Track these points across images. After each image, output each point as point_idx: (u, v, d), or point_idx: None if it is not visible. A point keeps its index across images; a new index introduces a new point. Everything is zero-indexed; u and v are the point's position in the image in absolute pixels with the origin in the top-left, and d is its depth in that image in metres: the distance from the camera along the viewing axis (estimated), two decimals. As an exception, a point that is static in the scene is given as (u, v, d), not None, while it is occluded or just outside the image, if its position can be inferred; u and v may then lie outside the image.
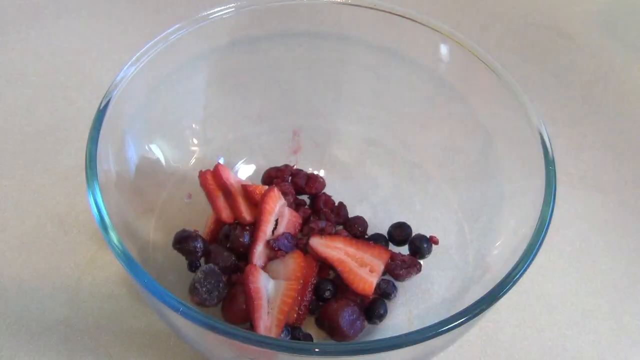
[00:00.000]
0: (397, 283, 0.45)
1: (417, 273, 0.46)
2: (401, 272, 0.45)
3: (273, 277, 0.42)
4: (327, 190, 0.51)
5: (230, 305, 0.41)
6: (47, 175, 0.53)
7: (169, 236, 0.45)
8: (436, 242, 0.47)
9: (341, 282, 0.44)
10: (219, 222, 0.46)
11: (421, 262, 0.46)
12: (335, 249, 0.44)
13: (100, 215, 0.34)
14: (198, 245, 0.43)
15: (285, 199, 0.47)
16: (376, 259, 0.44)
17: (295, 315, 0.42)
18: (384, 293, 0.45)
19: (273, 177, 0.50)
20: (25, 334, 0.44)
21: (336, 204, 0.51)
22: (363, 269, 0.44)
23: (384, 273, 0.45)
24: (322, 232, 0.46)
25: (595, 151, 0.60)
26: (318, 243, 0.44)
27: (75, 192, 0.52)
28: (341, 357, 0.31)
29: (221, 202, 0.46)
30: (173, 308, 0.31)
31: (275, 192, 0.46)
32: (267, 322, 0.40)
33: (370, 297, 0.44)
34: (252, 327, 0.40)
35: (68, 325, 0.45)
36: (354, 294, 0.43)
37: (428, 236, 0.47)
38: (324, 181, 0.51)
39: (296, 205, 0.49)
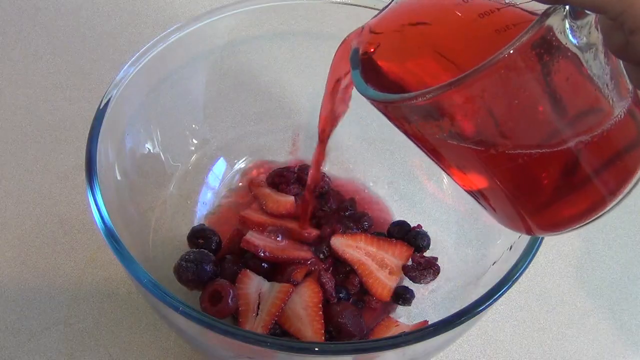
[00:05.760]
0: (410, 285, 0.45)
1: (434, 276, 0.44)
2: (415, 274, 0.44)
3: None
4: (327, 190, 0.51)
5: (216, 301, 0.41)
6: (47, 175, 0.53)
7: (169, 236, 0.46)
8: None
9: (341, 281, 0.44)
10: (237, 233, 0.46)
11: (438, 264, 0.45)
12: (356, 249, 0.44)
13: (100, 215, 0.34)
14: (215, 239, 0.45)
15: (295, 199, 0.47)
16: (397, 259, 0.44)
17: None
18: (402, 298, 0.44)
19: (277, 183, 0.50)
20: (25, 334, 0.44)
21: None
22: (382, 271, 0.44)
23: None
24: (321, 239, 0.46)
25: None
26: (339, 243, 0.44)
27: (75, 192, 0.52)
28: (341, 356, 0.31)
29: None
30: (173, 308, 0.31)
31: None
32: (252, 324, 0.40)
33: (388, 300, 0.44)
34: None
35: (68, 325, 0.45)
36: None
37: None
38: (329, 180, 0.51)
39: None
